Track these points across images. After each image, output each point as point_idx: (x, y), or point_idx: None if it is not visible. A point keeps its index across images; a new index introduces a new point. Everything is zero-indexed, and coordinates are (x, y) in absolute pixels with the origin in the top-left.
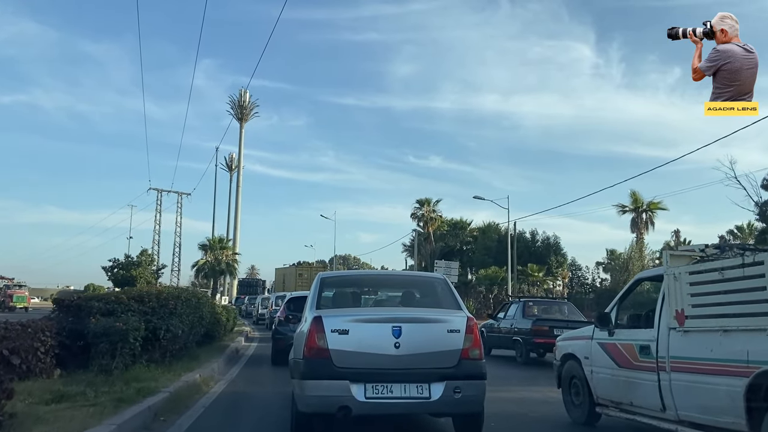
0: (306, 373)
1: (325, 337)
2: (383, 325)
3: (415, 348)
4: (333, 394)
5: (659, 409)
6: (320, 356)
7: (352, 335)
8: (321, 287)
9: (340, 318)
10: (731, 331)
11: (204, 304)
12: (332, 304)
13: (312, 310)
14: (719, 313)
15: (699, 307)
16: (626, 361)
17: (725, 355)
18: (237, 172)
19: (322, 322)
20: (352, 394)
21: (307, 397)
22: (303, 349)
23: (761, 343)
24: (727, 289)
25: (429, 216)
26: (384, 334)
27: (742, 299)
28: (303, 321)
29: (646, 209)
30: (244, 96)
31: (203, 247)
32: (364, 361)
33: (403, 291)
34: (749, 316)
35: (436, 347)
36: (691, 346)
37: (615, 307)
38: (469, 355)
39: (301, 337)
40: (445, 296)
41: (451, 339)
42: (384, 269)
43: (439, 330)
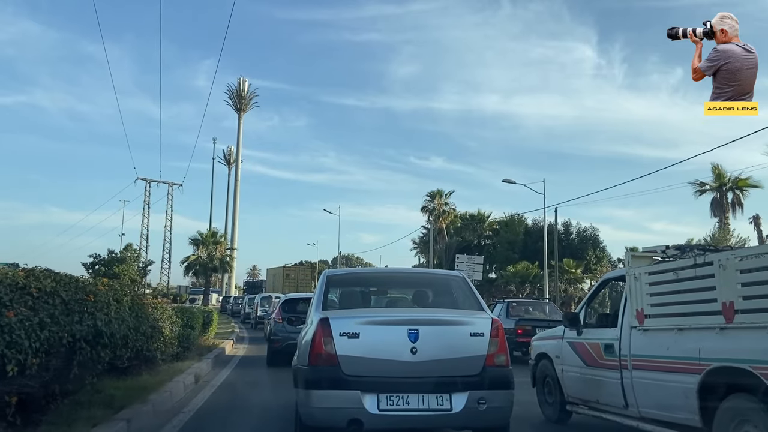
0: (311, 382)
1: (332, 341)
2: (398, 327)
3: (434, 354)
4: (342, 405)
5: (622, 406)
6: (327, 363)
7: (363, 339)
8: (327, 286)
9: (350, 320)
10: (685, 330)
11: (109, 305)
12: (340, 305)
13: (318, 311)
14: (674, 312)
15: (657, 307)
16: (593, 360)
17: (680, 352)
18: (235, 166)
19: (329, 324)
20: (364, 406)
21: (312, 409)
22: (308, 355)
23: (712, 341)
24: (681, 289)
25: (441, 209)
26: (399, 338)
27: (695, 299)
28: (307, 324)
29: (733, 187)
30: (242, 85)
31: (195, 241)
32: (377, 368)
33: (417, 290)
34: (701, 315)
35: (458, 353)
36: (650, 344)
37: (584, 308)
38: (494, 362)
39: (306, 342)
40: (464, 296)
41: (475, 343)
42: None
43: (460, 333)
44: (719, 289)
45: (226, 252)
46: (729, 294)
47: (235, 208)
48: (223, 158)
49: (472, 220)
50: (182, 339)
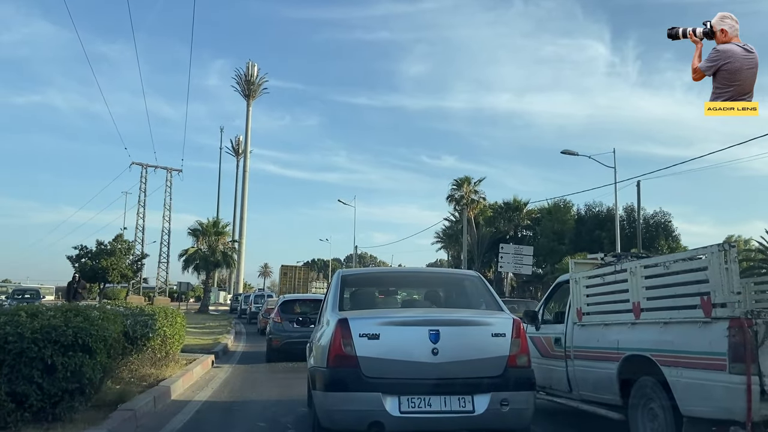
0: (331, 384)
1: (352, 342)
2: (419, 328)
3: (456, 354)
4: (363, 408)
5: (567, 391)
6: (347, 365)
7: (383, 340)
8: (342, 286)
9: (370, 320)
10: (609, 325)
11: None
12: (355, 305)
13: (334, 311)
14: (602, 310)
15: (591, 306)
16: (546, 352)
17: (605, 344)
18: (244, 156)
19: (348, 325)
20: (385, 409)
21: (331, 412)
22: (327, 356)
23: (626, 334)
24: (607, 291)
25: (470, 198)
26: (420, 339)
27: (615, 299)
28: (323, 324)
29: None
30: (251, 70)
31: (194, 232)
32: (398, 370)
33: (434, 290)
34: (619, 313)
35: (480, 354)
36: (586, 337)
37: (542, 307)
38: (516, 363)
39: (324, 343)
40: (482, 296)
41: (496, 344)
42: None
43: (482, 334)
44: (631, 291)
45: (230, 243)
46: (637, 295)
47: (244, 200)
48: (231, 149)
49: (507, 209)
50: (55, 378)
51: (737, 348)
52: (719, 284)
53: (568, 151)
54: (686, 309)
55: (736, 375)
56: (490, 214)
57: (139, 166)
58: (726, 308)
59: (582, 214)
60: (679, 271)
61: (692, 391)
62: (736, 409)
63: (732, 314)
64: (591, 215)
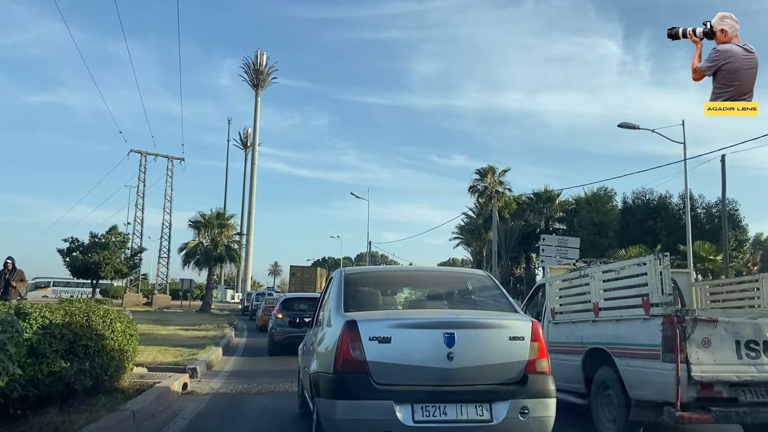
0: (339, 391)
1: (361, 346)
2: (433, 331)
3: (473, 359)
4: (374, 417)
5: None
6: (356, 370)
7: (394, 344)
8: (346, 286)
9: (380, 323)
10: (576, 322)
11: None
12: (361, 306)
13: (339, 312)
14: (570, 309)
15: (562, 306)
16: None
17: (573, 339)
18: (252, 148)
19: (357, 327)
20: (398, 418)
21: (339, 422)
22: (333, 361)
23: (588, 330)
24: (574, 293)
25: (494, 189)
26: (434, 343)
27: (581, 300)
28: (324, 325)
29: None
30: (260, 59)
31: (196, 224)
32: (411, 376)
33: (444, 290)
34: (583, 312)
35: (497, 358)
36: (558, 333)
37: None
38: (536, 368)
39: (329, 347)
40: (494, 296)
41: (515, 348)
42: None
43: (499, 337)
44: (592, 293)
45: (233, 236)
46: (596, 296)
47: (252, 193)
48: (239, 141)
49: (537, 200)
50: None
51: (668, 340)
52: (655, 287)
53: (626, 124)
54: (632, 308)
55: (668, 363)
56: (515, 206)
57: (137, 153)
58: (659, 307)
59: (629, 204)
60: (627, 275)
61: (636, 378)
62: (669, 392)
63: (665, 312)
64: (641, 204)
